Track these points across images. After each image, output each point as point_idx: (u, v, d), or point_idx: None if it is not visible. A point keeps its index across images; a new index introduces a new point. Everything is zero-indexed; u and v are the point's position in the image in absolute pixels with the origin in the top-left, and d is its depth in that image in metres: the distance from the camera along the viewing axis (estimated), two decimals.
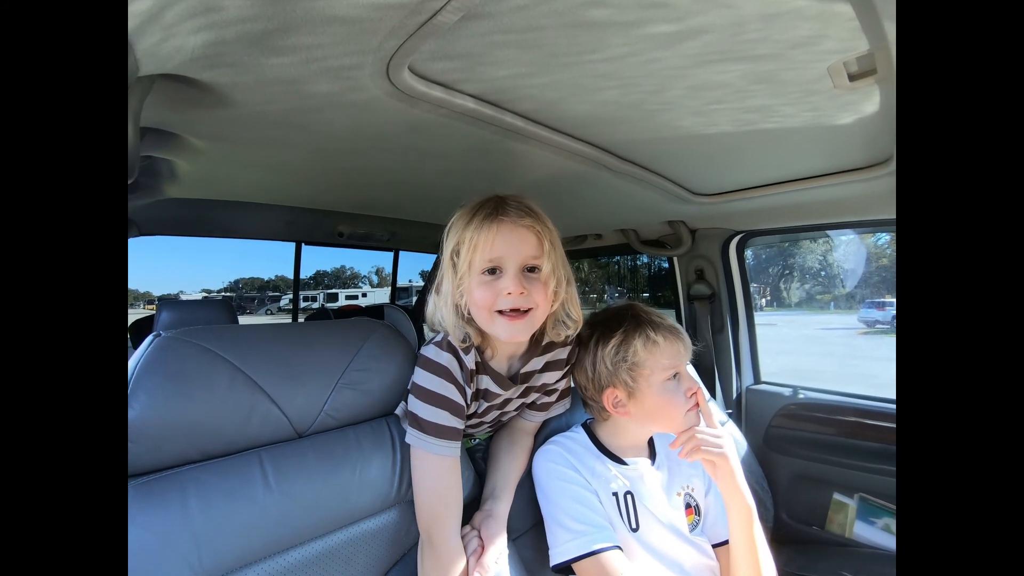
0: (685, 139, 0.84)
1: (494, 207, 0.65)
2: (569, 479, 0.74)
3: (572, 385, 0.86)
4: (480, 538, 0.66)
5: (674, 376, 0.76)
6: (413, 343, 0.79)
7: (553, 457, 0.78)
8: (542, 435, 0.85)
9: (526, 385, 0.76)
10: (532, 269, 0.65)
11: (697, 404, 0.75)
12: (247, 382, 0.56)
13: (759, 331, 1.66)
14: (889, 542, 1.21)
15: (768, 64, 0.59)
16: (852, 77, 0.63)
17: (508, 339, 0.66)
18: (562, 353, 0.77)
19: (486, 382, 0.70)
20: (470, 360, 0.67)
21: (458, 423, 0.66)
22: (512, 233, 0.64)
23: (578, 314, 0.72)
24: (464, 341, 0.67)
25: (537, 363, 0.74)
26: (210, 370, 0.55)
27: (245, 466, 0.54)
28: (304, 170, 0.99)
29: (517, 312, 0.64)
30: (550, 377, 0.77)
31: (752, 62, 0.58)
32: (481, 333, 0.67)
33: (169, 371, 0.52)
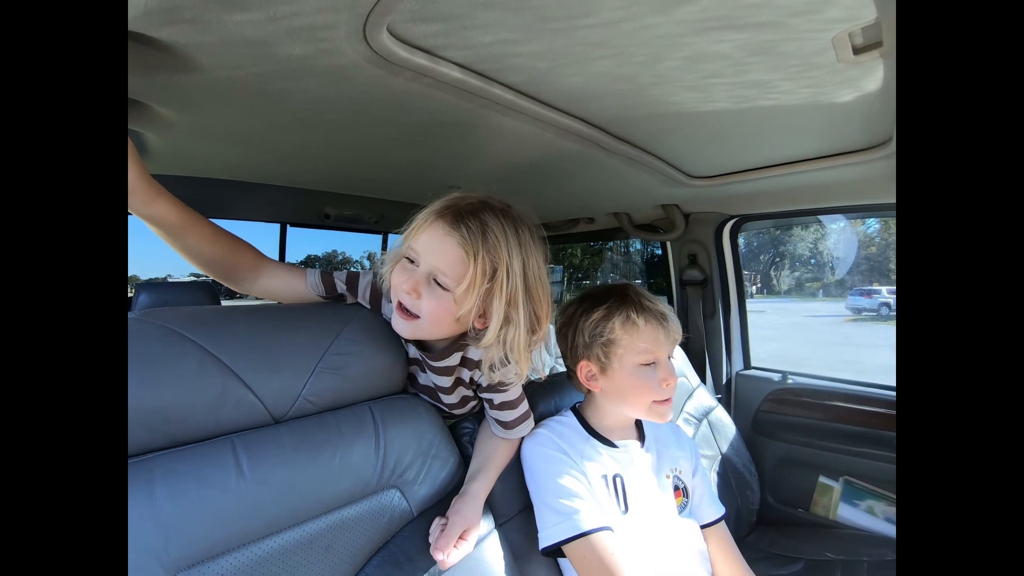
0: (680, 116, 0.81)
1: (450, 207, 0.63)
2: (558, 461, 0.73)
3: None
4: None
5: (651, 363, 0.75)
6: None
7: (542, 441, 0.77)
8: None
9: (453, 377, 0.74)
10: (439, 282, 0.62)
11: (667, 401, 0.75)
12: (218, 365, 0.53)
13: (750, 318, 1.66)
14: (872, 524, 1.23)
15: (768, 33, 0.56)
16: (857, 50, 0.60)
17: (396, 330, 0.66)
18: (480, 354, 0.69)
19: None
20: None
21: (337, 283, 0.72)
22: (438, 239, 0.61)
23: (523, 366, 0.67)
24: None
25: (455, 358, 0.71)
26: (178, 353, 0.52)
27: (216, 453, 0.51)
28: (283, 145, 0.94)
29: (407, 310, 0.63)
30: (473, 374, 0.74)
31: (751, 31, 0.55)
32: None
33: (133, 354, 0.49)
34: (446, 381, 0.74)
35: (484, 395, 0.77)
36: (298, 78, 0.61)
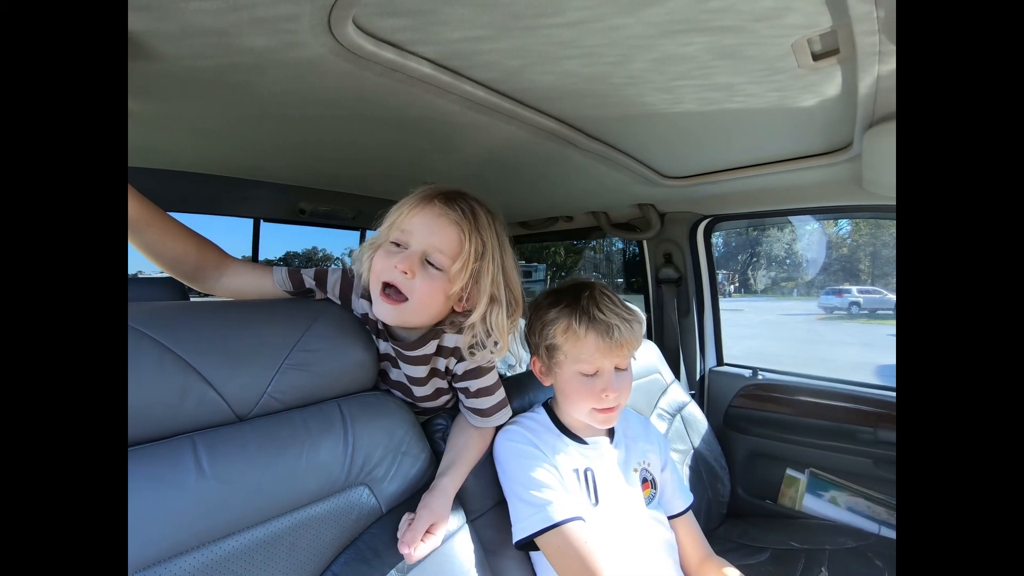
0: (652, 117, 0.82)
1: (439, 192, 0.66)
2: (529, 455, 0.74)
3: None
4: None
5: (594, 373, 0.74)
6: None
7: (514, 436, 0.77)
8: None
9: (428, 367, 0.73)
10: (434, 263, 0.64)
11: (609, 410, 0.74)
12: (178, 362, 0.52)
13: (727, 316, 1.70)
14: (834, 513, 1.28)
15: (732, 37, 0.57)
16: (816, 56, 0.62)
17: (379, 316, 0.66)
18: (458, 341, 0.71)
19: (381, 325, 0.72)
20: (363, 282, 0.71)
21: (306, 280, 0.72)
22: (433, 219, 0.63)
23: (504, 343, 0.69)
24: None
25: (431, 346, 0.72)
26: (135, 350, 0.50)
27: (175, 451, 0.50)
28: (254, 139, 0.92)
29: (395, 295, 0.63)
30: (448, 363, 0.75)
31: (717, 34, 0.56)
32: None
33: None
34: (421, 371, 0.73)
35: (460, 384, 0.77)
36: (263, 70, 0.59)
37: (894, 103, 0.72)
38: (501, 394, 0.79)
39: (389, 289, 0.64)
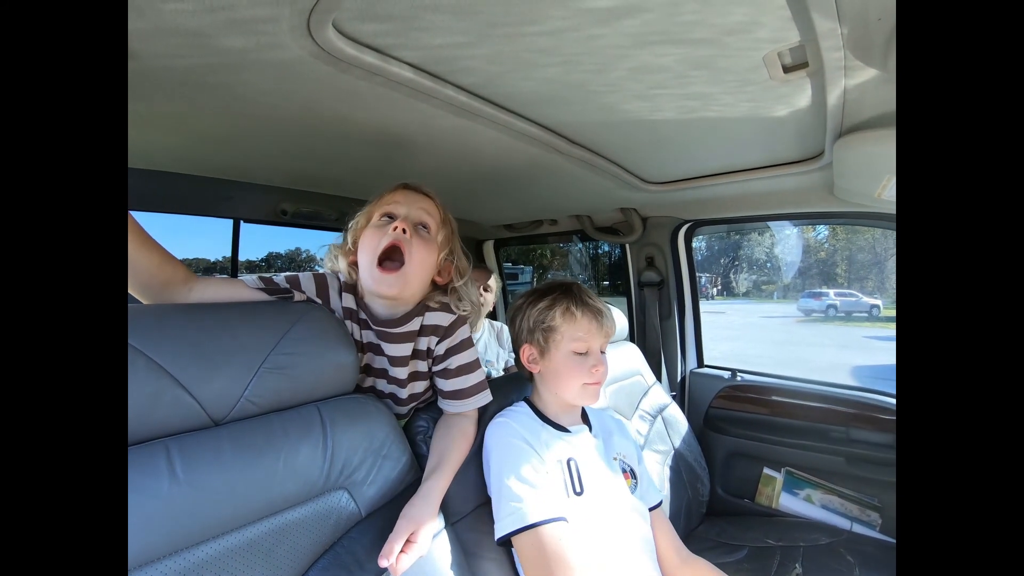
0: (632, 124, 0.84)
1: (403, 182, 0.78)
2: (519, 450, 0.75)
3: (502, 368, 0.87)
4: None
5: (584, 352, 0.82)
6: None
7: (505, 430, 0.79)
8: (489, 413, 0.84)
9: (411, 346, 0.78)
10: (424, 227, 0.74)
11: (597, 383, 0.81)
12: (150, 366, 0.51)
13: (710, 318, 1.74)
14: (809, 511, 1.32)
15: (705, 49, 0.59)
16: (786, 69, 0.64)
17: (375, 289, 0.72)
18: (441, 319, 0.79)
19: (363, 315, 0.77)
20: (343, 275, 0.78)
21: (280, 285, 0.73)
22: (413, 193, 0.76)
23: (475, 299, 0.84)
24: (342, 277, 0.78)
25: (415, 323, 0.78)
26: None
27: (147, 457, 0.49)
28: (234, 139, 0.91)
29: (391, 265, 0.70)
30: (430, 342, 0.80)
31: (690, 46, 0.58)
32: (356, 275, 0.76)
33: None
34: (405, 349, 0.77)
35: (441, 366, 0.80)
36: (241, 71, 0.59)
37: (861, 115, 0.76)
38: (482, 374, 0.83)
39: (386, 261, 0.70)
